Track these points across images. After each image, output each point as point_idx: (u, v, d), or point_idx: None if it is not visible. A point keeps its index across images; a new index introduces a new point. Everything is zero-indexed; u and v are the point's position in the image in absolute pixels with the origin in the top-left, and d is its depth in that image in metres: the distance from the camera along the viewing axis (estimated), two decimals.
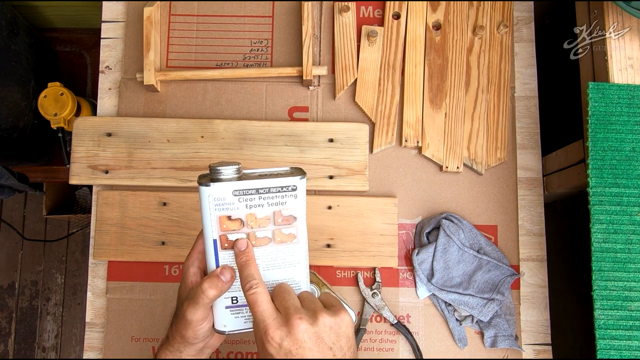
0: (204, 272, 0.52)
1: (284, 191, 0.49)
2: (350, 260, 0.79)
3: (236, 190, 0.48)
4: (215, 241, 0.49)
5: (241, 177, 0.49)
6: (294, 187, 0.49)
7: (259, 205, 0.49)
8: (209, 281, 0.48)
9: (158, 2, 0.85)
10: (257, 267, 0.50)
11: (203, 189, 0.48)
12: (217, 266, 0.50)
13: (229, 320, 0.52)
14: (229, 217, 0.49)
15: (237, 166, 0.48)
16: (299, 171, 0.50)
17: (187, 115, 0.84)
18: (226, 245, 0.50)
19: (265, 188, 0.48)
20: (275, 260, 0.51)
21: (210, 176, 0.49)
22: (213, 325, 0.52)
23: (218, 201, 0.48)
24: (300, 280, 0.52)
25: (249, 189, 0.48)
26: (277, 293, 0.49)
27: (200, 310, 0.49)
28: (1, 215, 1.73)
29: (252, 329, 0.50)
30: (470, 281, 0.77)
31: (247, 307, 0.51)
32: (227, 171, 0.48)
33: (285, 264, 0.51)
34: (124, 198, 0.80)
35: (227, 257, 0.50)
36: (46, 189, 1.46)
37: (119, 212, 0.80)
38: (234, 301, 0.51)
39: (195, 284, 0.51)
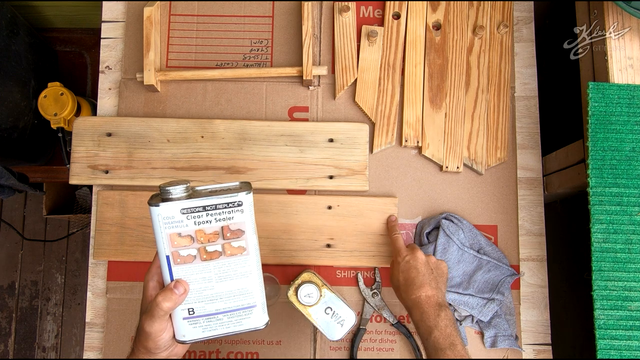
0: (163, 286, 0.54)
1: (231, 207, 0.50)
2: (350, 260, 0.79)
3: (184, 209, 0.50)
4: (168, 257, 0.51)
5: (190, 195, 0.51)
6: (240, 203, 0.50)
7: (207, 222, 0.51)
8: (163, 295, 0.51)
9: (158, 2, 0.85)
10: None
11: (152, 209, 0.50)
12: (172, 280, 0.52)
13: (187, 330, 0.54)
14: (179, 234, 0.51)
15: (184, 185, 0.50)
16: (246, 186, 0.52)
17: (187, 115, 0.84)
18: (178, 260, 0.51)
19: (211, 205, 0.50)
20: (227, 272, 0.53)
21: (161, 196, 0.50)
22: (174, 335, 0.54)
23: (167, 220, 0.50)
24: (253, 290, 0.54)
25: (196, 207, 0.50)
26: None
27: (157, 322, 0.51)
28: (1, 215, 1.73)
29: (210, 338, 0.54)
30: (470, 281, 0.77)
31: (204, 318, 0.54)
32: (176, 191, 0.50)
33: (237, 275, 0.53)
34: (124, 198, 0.80)
35: (180, 272, 0.52)
36: (46, 189, 1.46)
37: (119, 212, 0.80)
38: (191, 312, 0.53)
39: (153, 297, 0.53)
